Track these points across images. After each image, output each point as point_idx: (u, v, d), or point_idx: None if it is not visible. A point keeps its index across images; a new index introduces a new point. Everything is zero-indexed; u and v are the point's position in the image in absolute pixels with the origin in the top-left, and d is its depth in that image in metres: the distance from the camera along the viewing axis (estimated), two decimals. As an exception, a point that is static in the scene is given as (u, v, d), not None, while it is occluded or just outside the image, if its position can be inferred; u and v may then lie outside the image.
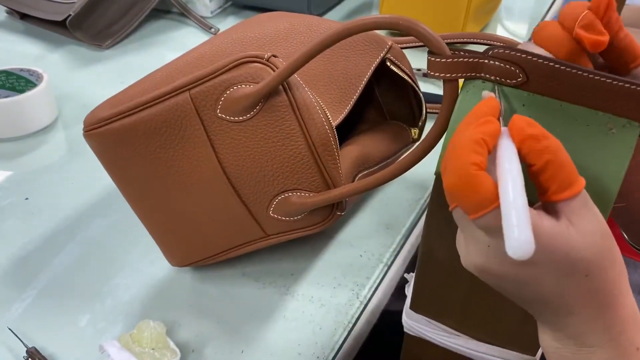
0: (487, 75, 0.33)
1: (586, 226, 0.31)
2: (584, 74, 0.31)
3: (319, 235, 0.51)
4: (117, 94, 0.53)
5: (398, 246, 0.59)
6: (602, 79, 0.31)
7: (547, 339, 0.35)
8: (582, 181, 0.30)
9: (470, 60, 0.33)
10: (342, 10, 1.09)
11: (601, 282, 0.32)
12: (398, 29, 0.34)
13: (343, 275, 0.55)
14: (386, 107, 0.66)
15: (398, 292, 0.55)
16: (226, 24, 1.05)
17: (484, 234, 0.31)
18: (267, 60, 0.44)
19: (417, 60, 0.66)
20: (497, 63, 0.33)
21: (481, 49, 0.57)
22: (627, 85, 0.31)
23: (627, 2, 1.33)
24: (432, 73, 0.34)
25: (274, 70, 0.44)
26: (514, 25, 1.06)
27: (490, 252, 0.31)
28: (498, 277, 0.32)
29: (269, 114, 0.45)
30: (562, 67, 0.31)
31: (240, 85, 0.44)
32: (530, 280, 0.31)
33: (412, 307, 0.47)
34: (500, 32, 1.02)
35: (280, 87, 0.44)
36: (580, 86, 0.31)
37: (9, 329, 0.50)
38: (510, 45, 0.33)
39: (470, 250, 0.33)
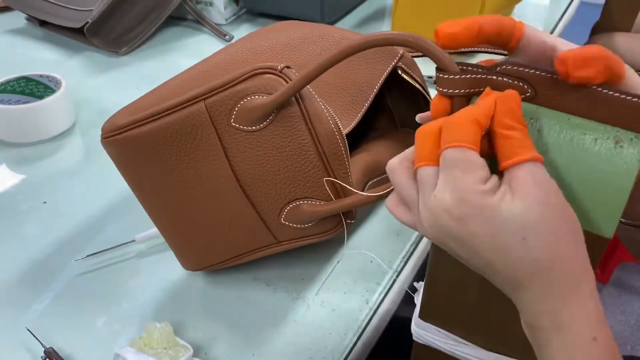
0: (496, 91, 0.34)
1: (527, 191, 0.31)
2: (593, 87, 0.32)
3: (329, 240, 0.52)
4: (134, 101, 0.54)
5: (408, 253, 0.59)
6: (610, 92, 0.32)
7: (523, 325, 0.34)
8: (529, 154, 0.31)
9: (479, 77, 0.34)
10: (355, 17, 1.10)
11: (546, 251, 0.31)
12: (408, 45, 0.35)
13: (353, 280, 0.56)
14: (397, 114, 0.67)
15: (408, 299, 0.56)
16: (240, 31, 1.06)
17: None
18: (281, 72, 0.45)
19: (428, 68, 0.66)
20: (505, 79, 0.34)
21: (490, 56, 0.58)
22: (635, 99, 0.31)
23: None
24: (440, 89, 0.34)
25: (286, 82, 0.45)
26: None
27: (430, 205, 0.32)
28: (439, 235, 0.33)
29: (281, 124, 0.46)
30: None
31: (254, 96, 0.45)
32: (466, 237, 0.32)
33: (421, 316, 0.48)
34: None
35: (293, 98, 0.45)
36: (589, 100, 0.32)
37: (28, 330, 0.52)
38: (518, 62, 0.33)
39: (421, 211, 0.34)
